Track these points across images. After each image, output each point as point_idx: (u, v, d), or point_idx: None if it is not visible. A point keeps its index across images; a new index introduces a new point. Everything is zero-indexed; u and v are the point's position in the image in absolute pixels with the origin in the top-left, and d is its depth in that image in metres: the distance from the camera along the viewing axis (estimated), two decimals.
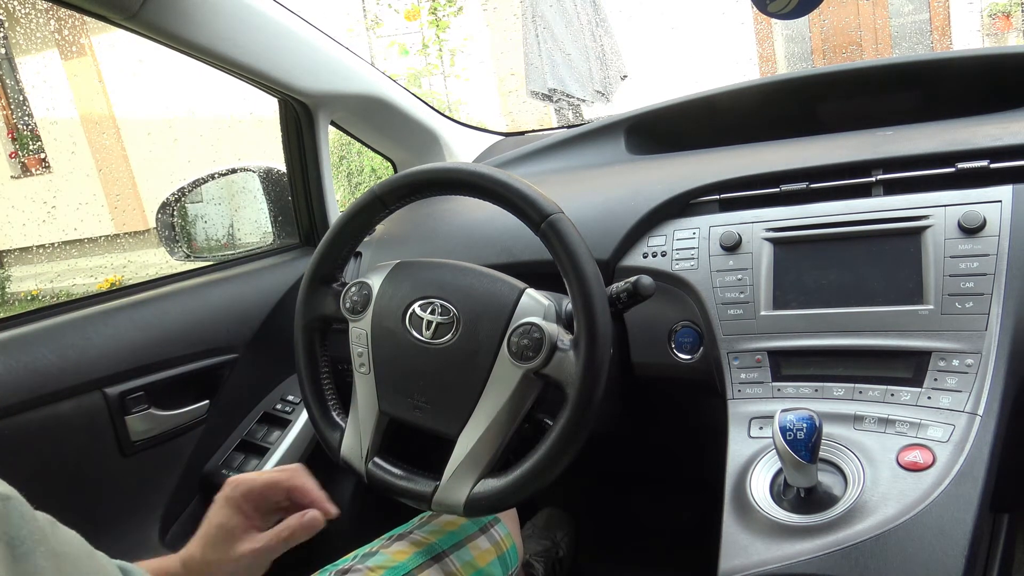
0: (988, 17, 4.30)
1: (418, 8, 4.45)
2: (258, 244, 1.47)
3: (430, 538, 0.87)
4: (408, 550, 0.84)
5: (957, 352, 0.76)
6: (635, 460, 1.52)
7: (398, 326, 0.83)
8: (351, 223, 0.89)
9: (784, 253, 0.90)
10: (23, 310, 1.01)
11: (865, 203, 0.88)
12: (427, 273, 0.85)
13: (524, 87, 4.27)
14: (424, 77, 4.47)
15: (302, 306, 0.91)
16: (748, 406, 0.84)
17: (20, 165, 5.50)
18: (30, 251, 5.15)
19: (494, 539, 0.92)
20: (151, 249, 4.79)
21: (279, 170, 1.40)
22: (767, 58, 4.51)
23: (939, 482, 0.69)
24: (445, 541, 0.87)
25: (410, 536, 0.87)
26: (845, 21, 4.29)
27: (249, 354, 1.21)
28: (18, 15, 4.45)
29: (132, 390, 1.03)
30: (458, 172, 0.81)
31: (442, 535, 0.88)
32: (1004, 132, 0.87)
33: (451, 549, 0.87)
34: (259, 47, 1.12)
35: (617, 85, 4.00)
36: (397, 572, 0.81)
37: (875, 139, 0.97)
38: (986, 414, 0.72)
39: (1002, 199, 0.80)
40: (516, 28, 4.35)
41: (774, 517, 0.72)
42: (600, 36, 3.95)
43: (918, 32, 4.26)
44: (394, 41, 4.51)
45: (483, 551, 0.90)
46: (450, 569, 0.84)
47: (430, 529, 0.89)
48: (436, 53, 4.50)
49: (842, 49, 4.30)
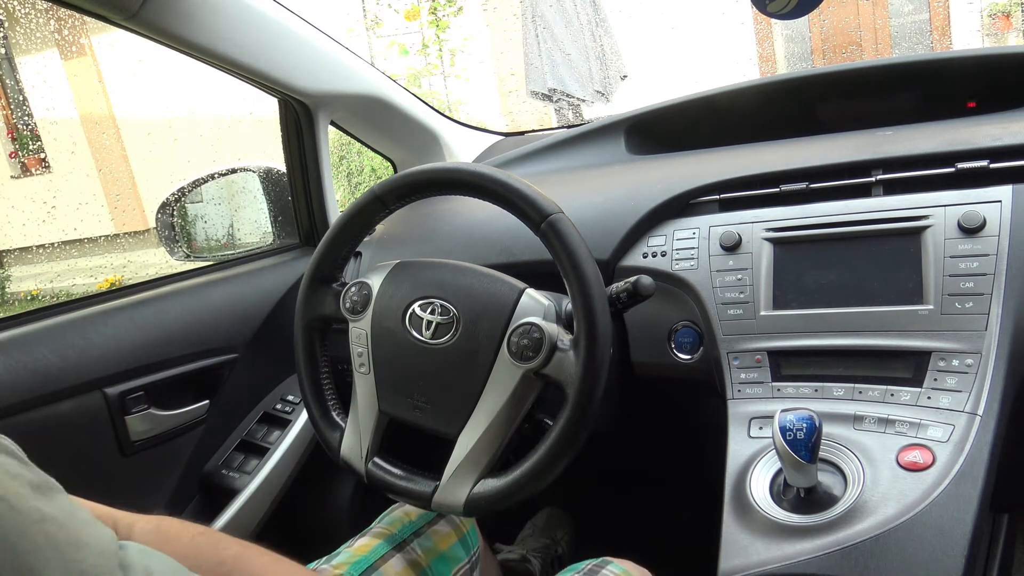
0: (988, 17, 4.30)
1: (418, 8, 4.45)
2: (258, 244, 1.47)
3: (391, 529, 0.88)
4: (370, 543, 0.85)
5: (957, 352, 0.76)
6: (635, 460, 1.52)
7: (398, 326, 0.83)
8: (351, 223, 0.89)
9: (784, 253, 0.90)
10: (23, 310, 1.01)
11: (865, 203, 0.88)
12: (427, 273, 0.85)
13: (524, 87, 4.27)
14: (424, 77, 4.47)
15: (302, 306, 0.91)
16: (748, 406, 0.84)
17: (20, 165, 5.50)
18: (30, 251, 5.15)
19: (454, 523, 0.93)
20: (151, 249, 4.79)
21: (279, 170, 1.40)
22: (767, 58, 4.51)
23: (939, 482, 0.69)
24: (405, 530, 0.88)
25: (372, 531, 0.89)
26: (845, 21, 4.29)
27: (249, 354, 1.21)
28: (18, 15, 4.45)
29: (132, 390, 1.03)
30: (458, 172, 0.81)
31: (402, 524, 0.89)
32: (1004, 132, 0.87)
33: (412, 537, 0.88)
34: (259, 47, 1.12)
35: (617, 85, 4.00)
36: (361, 566, 0.81)
37: (875, 139, 0.97)
38: (986, 414, 0.72)
39: (1002, 199, 0.80)
40: (516, 28, 4.35)
41: (774, 517, 0.72)
42: (600, 36, 3.96)
43: (918, 32, 4.27)
44: (394, 41, 4.51)
45: (443, 535, 0.91)
46: (412, 557, 0.85)
47: (390, 520, 0.90)
48: (436, 53, 4.50)
49: (842, 49, 4.30)
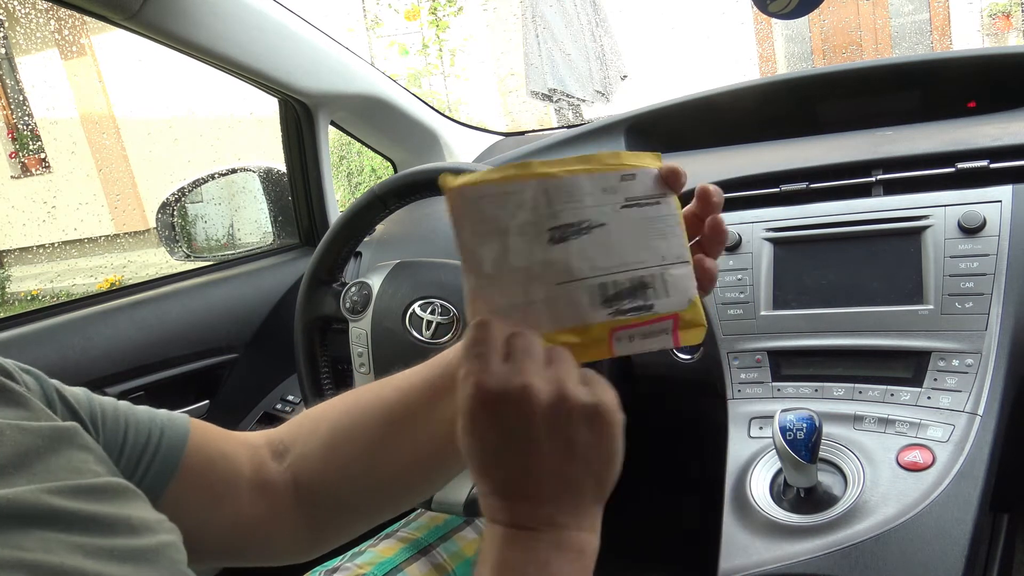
0: (988, 17, 4.31)
1: (418, 8, 4.45)
2: (258, 244, 1.47)
3: (416, 534, 0.88)
4: (395, 546, 0.85)
5: (957, 352, 0.76)
6: (635, 460, 1.52)
7: (398, 326, 0.83)
8: (351, 223, 0.89)
9: (784, 253, 0.90)
10: (23, 310, 1.01)
11: (865, 203, 0.88)
12: (427, 273, 0.85)
13: (524, 87, 4.27)
14: (424, 77, 4.48)
15: (302, 306, 0.91)
16: (748, 406, 0.84)
17: (20, 165, 5.50)
18: (30, 251, 5.16)
19: (480, 529, 0.93)
20: (151, 249, 4.79)
21: (279, 170, 1.40)
22: (767, 58, 4.51)
23: (939, 482, 0.69)
24: (431, 535, 0.88)
25: (397, 534, 0.89)
26: (845, 21, 4.29)
27: (249, 354, 1.21)
28: (18, 15, 4.45)
29: (132, 390, 1.03)
30: (458, 172, 0.81)
31: (428, 530, 0.89)
32: (1004, 132, 0.87)
33: (438, 542, 0.88)
34: (259, 47, 1.12)
35: (617, 85, 3.99)
36: (385, 567, 0.81)
37: (875, 139, 0.97)
38: (986, 414, 0.72)
39: (1002, 199, 0.80)
40: (516, 28, 4.35)
41: (774, 517, 0.72)
42: (600, 36, 3.95)
43: (918, 32, 4.27)
44: (394, 41, 4.51)
45: (470, 541, 0.90)
46: (438, 561, 0.85)
47: (416, 526, 0.90)
48: (436, 53, 4.50)
49: (842, 49, 4.31)
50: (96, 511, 0.41)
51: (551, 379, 0.41)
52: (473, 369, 0.41)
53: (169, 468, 0.52)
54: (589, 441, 0.42)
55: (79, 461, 0.44)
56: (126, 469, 0.50)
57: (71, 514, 0.39)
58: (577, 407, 0.41)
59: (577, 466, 0.42)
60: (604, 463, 0.43)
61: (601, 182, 0.44)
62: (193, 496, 0.53)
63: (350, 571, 0.80)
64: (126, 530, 0.42)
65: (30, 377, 0.48)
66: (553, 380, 0.41)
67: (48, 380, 0.49)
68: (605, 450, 0.42)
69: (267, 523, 0.58)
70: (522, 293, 0.43)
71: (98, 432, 0.49)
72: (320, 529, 0.61)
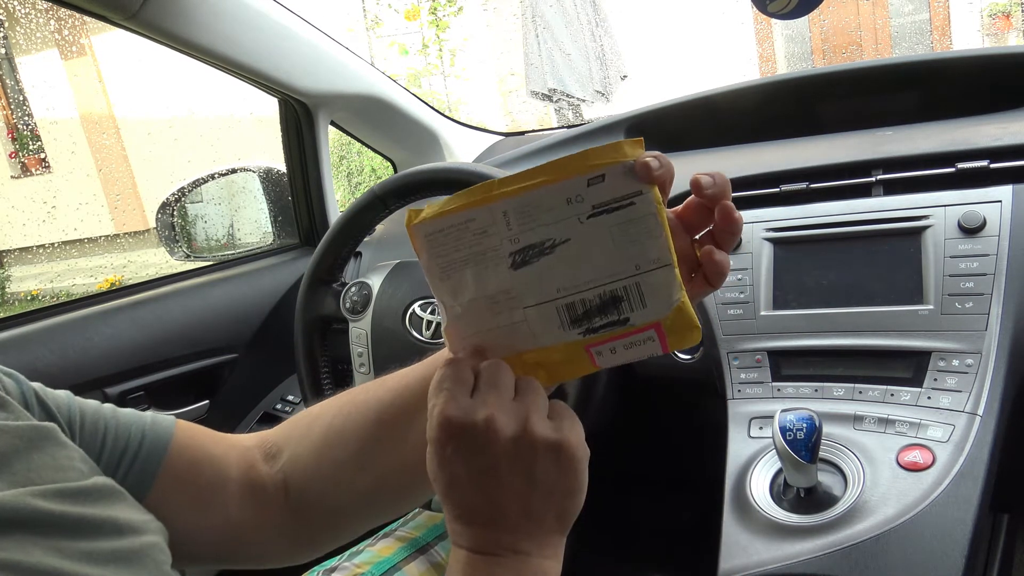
0: (988, 17, 4.31)
1: (418, 8, 4.45)
2: (258, 244, 1.47)
3: (414, 533, 0.88)
4: (393, 545, 0.85)
5: (957, 352, 0.76)
6: (635, 460, 1.52)
7: (398, 326, 0.83)
8: (351, 223, 0.89)
9: (784, 253, 0.90)
10: (23, 310, 1.01)
11: (865, 203, 0.88)
12: None
13: (524, 87, 4.28)
14: (424, 77, 4.47)
15: (302, 306, 0.91)
16: (748, 406, 0.84)
17: (20, 165, 5.50)
18: (30, 251, 5.15)
19: None
20: (151, 249, 4.79)
21: (279, 170, 1.40)
22: (767, 58, 4.51)
23: (939, 482, 0.69)
24: (429, 534, 0.88)
25: (395, 533, 0.89)
26: (845, 21, 4.29)
27: (249, 354, 1.21)
28: (18, 15, 4.45)
29: (132, 390, 1.03)
30: (458, 172, 0.81)
31: (426, 529, 0.89)
32: (1004, 132, 0.87)
33: (435, 541, 0.88)
34: (259, 47, 1.12)
35: (617, 85, 4.00)
36: (383, 566, 0.81)
37: (875, 139, 0.97)
38: (986, 414, 0.72)
39: (1002, 199, 0.80)
40: (516, 28, 4.35)
41: (774, 517, 0.72)
42: (600, 36, 3.95)
43: (918, 32, 4.27)
44: (394, 41, 4.51)
45: None
46: (436, 559, 0.85)
47: (414, 525, 0.90)
48: (436, 53, 4.50)
49: (842, 49, 4.31)
50: (82, 513, 0.41)
51: (515, 412, 0.42)
52: (439, 402, 0.42)
53: (151, 469, 0.52)
54: (551, 474, 0.42)
55: (64, 458, 0.44)
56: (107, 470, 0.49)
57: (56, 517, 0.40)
58: (540, 441, 0.42)
59: (538, 497, 0.43)
60: (566, 496, 0.44)
61: (565, 191, 0.41)
62: (177, 498, 0.53)
63: (348, 570, 0.80)
64: (112, 531, 0.42)
65: (9, 379, 0.48)
66: (517, 413, 0.42)
67: (27, 382, 0.49)
68: (567, 483, 0.43)
69: (257, 526, 0.58)
70: (491, 320, 0.43)
71: (75, 434, 0.49)
72: (313, 533, 0.61)
